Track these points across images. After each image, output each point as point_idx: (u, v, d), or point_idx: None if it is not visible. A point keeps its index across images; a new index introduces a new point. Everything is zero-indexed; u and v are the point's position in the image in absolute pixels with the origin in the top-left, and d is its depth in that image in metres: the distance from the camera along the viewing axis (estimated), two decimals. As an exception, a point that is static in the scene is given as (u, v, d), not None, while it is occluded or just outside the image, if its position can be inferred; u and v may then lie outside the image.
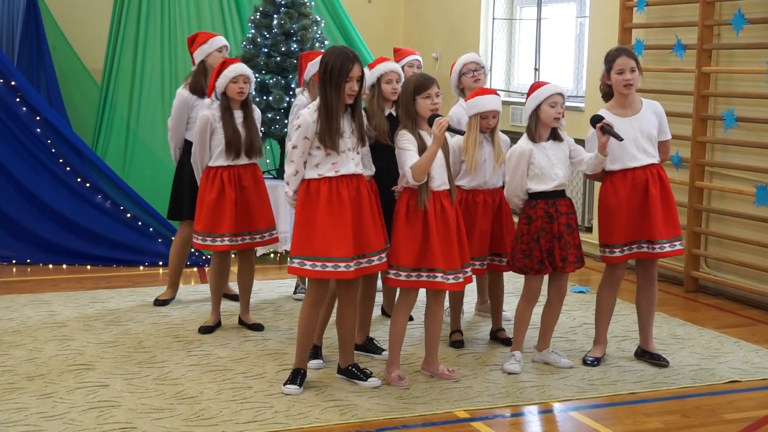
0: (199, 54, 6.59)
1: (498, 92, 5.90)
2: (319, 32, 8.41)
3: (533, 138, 5.48)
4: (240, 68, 6.05)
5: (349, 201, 5.03)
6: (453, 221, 5.24)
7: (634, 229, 5.57)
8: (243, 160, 6.12)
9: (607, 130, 5.34)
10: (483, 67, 6.39)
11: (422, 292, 5.41)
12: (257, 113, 6.28)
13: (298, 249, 5.08)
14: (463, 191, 5.83)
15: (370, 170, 5.40)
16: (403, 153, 5.15)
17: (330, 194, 5.02)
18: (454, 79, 6.42)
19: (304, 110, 5.10)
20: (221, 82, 6.03)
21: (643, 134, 5.57)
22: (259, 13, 8.29)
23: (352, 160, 5.08)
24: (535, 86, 5.52)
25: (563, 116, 5.48)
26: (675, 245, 5.58)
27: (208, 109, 6.13)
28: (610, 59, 5.58)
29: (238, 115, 6.10)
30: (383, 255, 5.18)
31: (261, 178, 6.24)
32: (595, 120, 5.41)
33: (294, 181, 5.09)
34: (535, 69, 9.94)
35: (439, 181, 5.21)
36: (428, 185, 5.16)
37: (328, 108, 4.99)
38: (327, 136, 4.98)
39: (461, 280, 5.25)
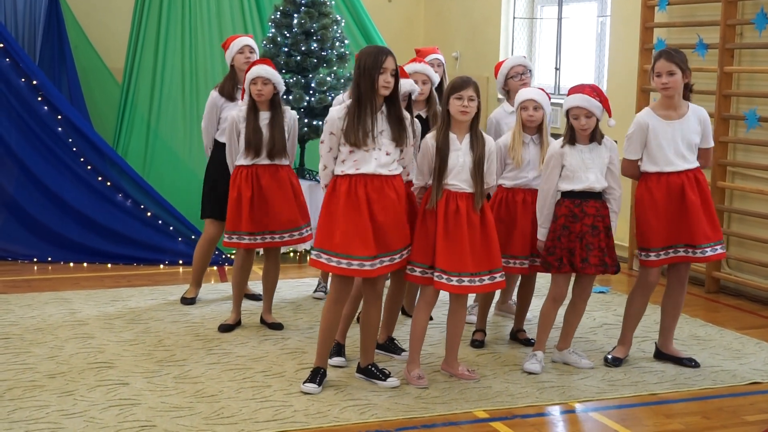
0: (228, 58, 6.71)
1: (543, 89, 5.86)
2: (340, 32, 8.41)
3: (569, 140, 5.46)
4: (257, 70, 6.06)
5: (366, 201, 5.01)
6: (467, 224, 5.15)
7: (673, 234, 5.51)
8: (264, 161, 6.12)
9: None
10: (530, 70, 6.36)
11: (445, 293, 5.39)
12: (291, 115, 6.24)
13: (319, 242, 5.11)
14: (504, 189, 5.81)
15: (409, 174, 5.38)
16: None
17: (348, 192, 5.02)
18: (500, 81, 6.40)
19: (333, 107, 5.14)
20: (246, 85, 6.09)
21: (683, 140, 5.50)
22: (279, 13, 8.30)
23: (375, 160, 5.03)
24: (569, 91, 5.51)
25: (585, 127, 5.41)
26: (716, 249, 5.54)
27: (237, 110, 6.20)
28: (653, 61, 5.55)
29: (265, 116, 6.11)
30: (405, 252, 5.18)
31: (284, 178, 6.17)
32: None
33: (323, 176, 5.16)
34: (556, 68, 9.91)
35: (458, 185, 5.17)
36: (441, 186, 5.16)
37: (359, 102, 4.99)
38: (352, 131, 4.98)
39: (465, 284, 5.16)
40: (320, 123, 8.02)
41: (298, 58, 8.21)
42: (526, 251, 5.75)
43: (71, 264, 8.10)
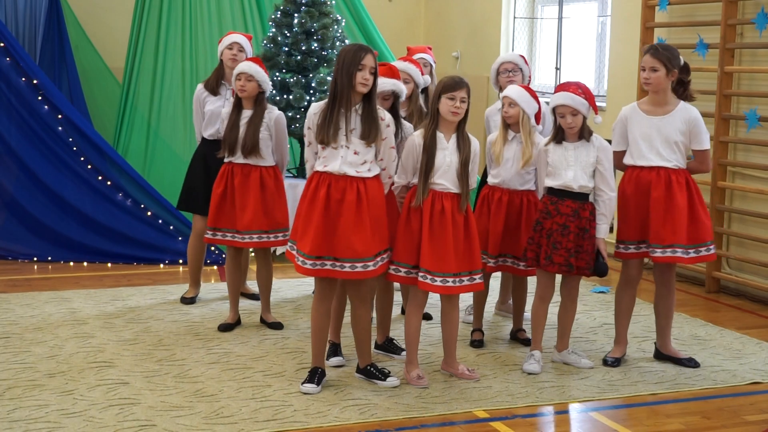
0: (218, 52, 6.74)
1: (529, 87, 5.83)
2: (340, 31, 8.41)
3: (556, 138, 5.46)
4: (242, 66, 6.08)
5: (324, 201, 4.97)
6: (451, 224, 5.13)
7: (642, 229, 5.53)
8: (239, 159, 6.11)
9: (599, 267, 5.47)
10: (521, 69, 6.31)
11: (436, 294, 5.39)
12: (272, 116, 6.14)
13: (291, 233, 5.22)
14: (488, 186, 5.84)
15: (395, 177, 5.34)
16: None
17: (314, 189, 5.03)
18: (492, 77, 6.41)
19: (314, 103, 5.15)
20: (232, 81, 6.14)
21: (661, 137, 5.48)
22: (279, 12, 8.30)
23: (342, 158, 4.98)
24: (555, 89, 5.52)
25: (572, 125, 5.40)
26: (666, 252, 5.44)
27: (227, 107, 6.26)
28: (642, 54, 5.56)
29: (246, 115, 6.11)
30: (357, 264, 4.98)
31: (255, 179, 6.08)
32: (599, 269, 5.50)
33: (307, 170, 5.21)
34: (557, 68, 9.90)
35: (444, 184, 5.16)
36: (427, 185, 5.14)
37: (333, 99, 4.97)
38: (322, 128, 4.98)
39: (449, 284, 5.13)
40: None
41: (299, 57, 8.21)
42: (495, 250, 5.77)
43: (71, 263, 8.09)
